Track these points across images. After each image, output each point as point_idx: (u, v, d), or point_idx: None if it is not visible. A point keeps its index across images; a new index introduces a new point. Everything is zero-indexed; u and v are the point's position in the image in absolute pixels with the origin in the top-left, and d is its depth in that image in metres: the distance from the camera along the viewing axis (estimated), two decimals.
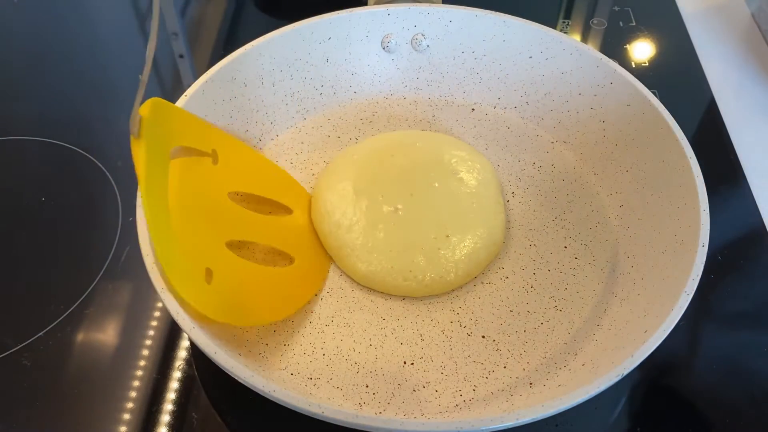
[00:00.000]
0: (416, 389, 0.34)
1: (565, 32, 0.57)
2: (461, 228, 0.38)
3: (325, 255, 0.40)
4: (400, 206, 0.39)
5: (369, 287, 0.38)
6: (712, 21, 0.60)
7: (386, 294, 0.38)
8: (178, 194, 0.35)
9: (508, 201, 0.43)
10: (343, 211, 0.39)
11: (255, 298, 0.36)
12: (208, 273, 0.34)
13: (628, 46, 0.57)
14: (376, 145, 0.43)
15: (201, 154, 0.38)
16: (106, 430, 0.35)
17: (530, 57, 0.46)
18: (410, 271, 0.37)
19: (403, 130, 0.47)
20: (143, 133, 0.34)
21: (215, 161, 0.39)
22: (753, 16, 0.59)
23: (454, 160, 0.41)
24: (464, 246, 0.38)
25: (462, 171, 0.41)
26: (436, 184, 0.40)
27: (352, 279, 0.39)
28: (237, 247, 0.39)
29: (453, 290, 0.39)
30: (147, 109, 0.34)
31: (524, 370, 0.35)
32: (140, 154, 0.33)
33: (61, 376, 0.37)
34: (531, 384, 0.34)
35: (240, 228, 0.39)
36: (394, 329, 0.37)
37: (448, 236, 0.38)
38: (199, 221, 0.36)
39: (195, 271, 0.33)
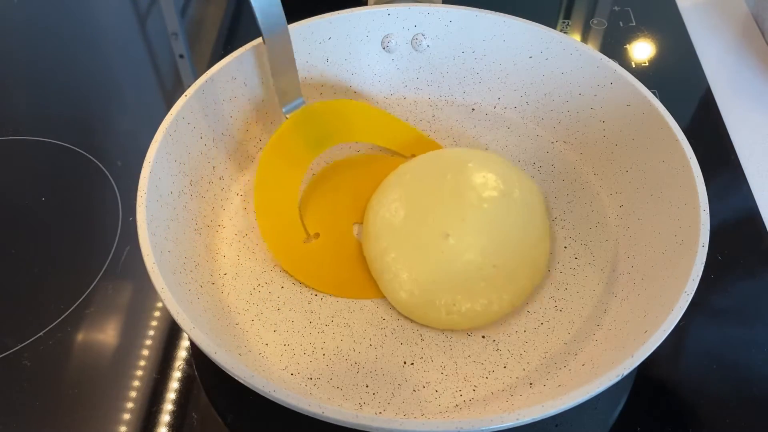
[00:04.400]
0: (416, 389, 0.34)
1: (565, 32, 0.57)
2: (509, 258, 0.37)
3: None
4: (450, 232, 0.37)
5: (410, 318, 0.37)
6: (711, 21, 0.60)
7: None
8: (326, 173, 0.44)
9: None
10: (390, 235, 0.38)
11: (340, 271, 0.40)
12: (314, 235, 0.41)
13: (628, 46, 0.57)
14: (428, 165, 0.42)
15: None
16: (106, 430, 0.35)
17: (530, 57, 0.46)
18: (454, 304, 0.36)
19: (454, 147, 0.45)
20: (283, 128, 0.42)
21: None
22: (752, 16, 0.59)
23: (504, 183, 0.40)
24: (511, 277, 0.37)
25: (512, 195, 0.39)
26: (485, 206, 0.38)
27: (394, 307, 0.38)
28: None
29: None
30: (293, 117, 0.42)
31: (524, 370, 0.35)
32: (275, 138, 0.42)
33: (61, 376, 0.37)
34: (531, 384, 0.34)
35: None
36: (394, 329, 0.37)
37: (495, 266, 0.37)
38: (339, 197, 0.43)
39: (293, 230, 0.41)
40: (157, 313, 0.39)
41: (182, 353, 0.38)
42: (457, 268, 0.37)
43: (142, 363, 0.37)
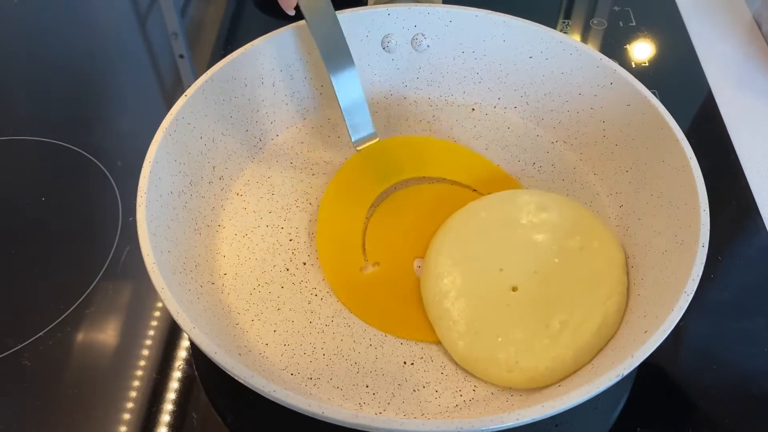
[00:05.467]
0: (416, 389, 0.34)
1: (565, 32, 0.57)
2: (580, 317, 0.35)
3: None
4: (519, 285, 0.36)
5: (468, 370, 0.35)
6: (712, 21, 0.60)
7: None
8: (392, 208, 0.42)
9: None
10: (453, 279, 0.36)
11: (393, 306, 0.38)
12: (374, 264, 0.40)
13: (628, 46, 0.57)
14: (501, 206, 0.40)
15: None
16: (106, 430, 0.35)
17: (530, 57, 0.46)
18: (516, 362, 0.34)
19: (539, 190, 0.42)
20: (353, 160, 0.44)
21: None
22: (753, 15, 0.59)
23: (582, 234, 0.38)
24: (580, 338, 0.34)
25: (589, 248, 0.37)
26: (557, 260, 0.37)
27: (452, 358, 0.36)
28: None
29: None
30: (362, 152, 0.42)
31: None
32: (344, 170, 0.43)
33: (61, 376, 0.37)
34: None
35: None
36: None
37: (561, 322, 0.35)
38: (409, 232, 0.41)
39: (352, 261, 0.39)
40: (157, 313, 0.39)
41: (182, 353, 0.38)
42: (524, 325, 0.35)
43: (142, 363, 0.37)
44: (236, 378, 0.29)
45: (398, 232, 0.41)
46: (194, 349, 0.38)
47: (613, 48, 0.57)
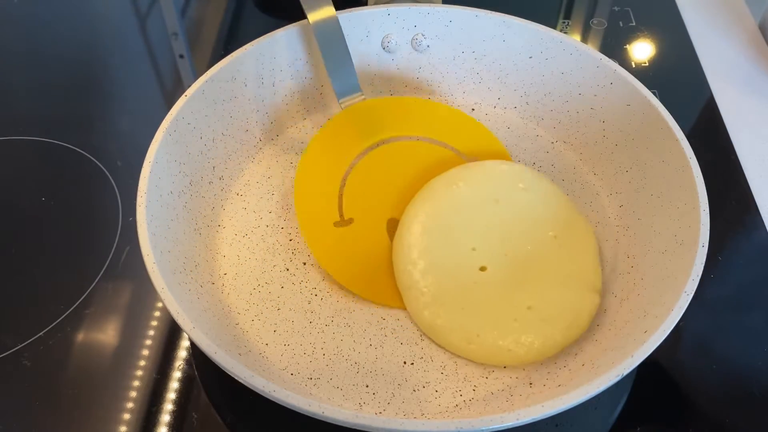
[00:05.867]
0: (416, 389, 0.34)
1: (565, 32, 0.57)
2: (550, 309, 0.35)
3: None
4: (489, 265, 0.37)
5: (430, 338, 0.36)
6: (712, 21, 0.60)
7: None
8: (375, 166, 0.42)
9: None
10: (425, 251, 0.37)
11: (363, 266, 0.38)
12: (348, 220, 0.39)
13: (628, 46, 0.57)
14: (482, 180, 0.39)
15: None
16: (106, 430, 0.35)
17: (530, 57, 0.46)
18: (477, 335, 0.35)
19: (525, 166, 0.41)
20: (337, 117, 0.42)
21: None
22: (752, 14, 0.59)
23: (560, 225, 0.38)
24: (544, 324, 0.35)
25: (563, 239, 0.38)
26: (529, 247, 0.37)
27: (416, 325, 0.37)
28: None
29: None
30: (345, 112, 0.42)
31: (524, 370, 0.35)
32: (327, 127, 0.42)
33: (61, 376, 0.37)
34: (531, 384, 0.34)
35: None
36: (394, 329, 0.37)
37: (530, 308, 0.35)
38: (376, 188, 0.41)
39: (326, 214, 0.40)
40: (157, 313, 0.39)
41: (182, 353, 0.38)
42: (489, 301, 0.35)
43: (142, 363, 0.37)
44: (236, 378, 0.29)
45: (376, 189, 0.41)
46: (194, 349, 0.38)
47: (613, 48, 0.57)
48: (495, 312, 0.35)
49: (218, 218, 0.42)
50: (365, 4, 0.50)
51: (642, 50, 0.57)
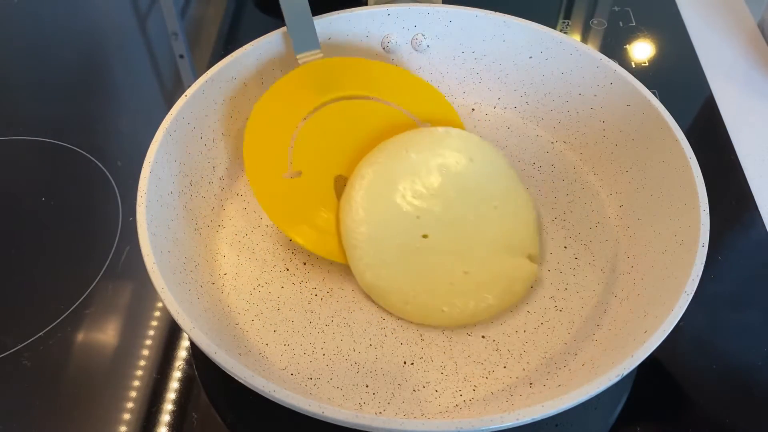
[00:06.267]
0: (416, 389, 0.34)
1: (565, 32, 0.57)
2: (485, 275, 0.37)
3: None
4: (431, 233, 0.38)
5: (370, 296, 0.38)
6: (711, 21, 0.60)
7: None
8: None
9: None
10: (370, 214, 0.38)
11: (308, 218, 0.39)
12: (296, 172, 0.39)
13: (628, 46, 0.57)
14: (433, 148, 0.40)
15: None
16: (106, 430, 0.35)
17: (530, 57, 0.46)
18: (414, 297, 0.36)
19: (473, 135, 0.42)
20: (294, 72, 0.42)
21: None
22: (752, 14, 0.59)
23: (503, 196, 0.40)
24: (479, 289, 0.37)
25: (505, 209, 0.39)
26: (472, 217, 0.38)
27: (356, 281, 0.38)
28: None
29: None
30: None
31: (524, 370, 0.35)
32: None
33: (61, 376, 0.37)
34: (531, 384, 0.34)
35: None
36: (394, 329, 0.37)
37: (466, 273, 0.37)
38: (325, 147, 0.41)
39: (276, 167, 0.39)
40: (157, 313, 0.39)
41: (182, 353, 0.38)
42: (428, 267, 0.37)
43: (142, 363, 0.37)
44: (236, 378, 0.29)
45: (327, 145, 0.41)
46: (194, 349, 0.38)
47: (613, 48, 0.57)
48: (433, 276, 0.37)
49: (218, 218, 0.42)
50: (365, 4, 0.50)
51: (642, 50, 0.57)
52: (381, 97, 0.43)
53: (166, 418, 0.35)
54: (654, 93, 0.41)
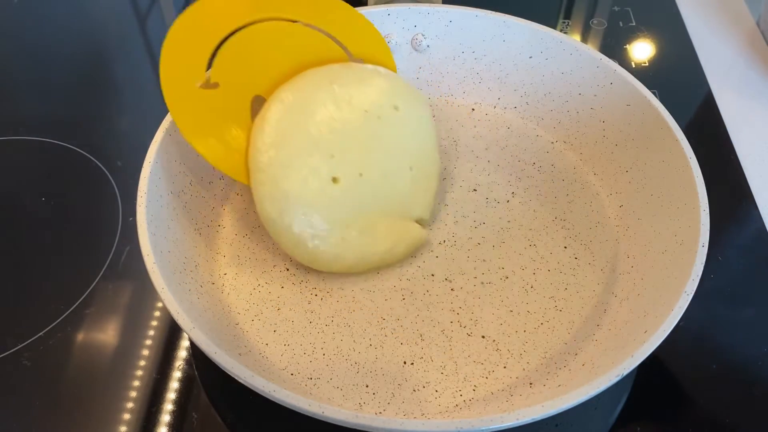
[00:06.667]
0: (416, 389, 0.34)
1: (565, 32, 0.57)
2: (373, 227, 0.38)
3: None
4: (342, 179, 0.37)
5: (264, 226, 0.37)
6: (711, 21, 0.60)
7: (384, 293, 0.38)
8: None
9: (508, 201, 0.43)
10: (281, 141, 0.36)
11: (218, 133, 0.37)
12: (212, 83, 0.37)
13: (628, 46, 0.57)
14: (360, 86, 0.39)
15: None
16: (106, 430, 0.35)
17: (530, 57, 0.46)
18: (304, 240, 0.36)
19: (404, 82, 0.41)
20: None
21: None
22: (752, 14, 0.59)
23: (417, 152, 0.40)
24: (365, 245, 0.37)
25: (417, 170, 0.40)
26: (382, 172, 0.38)
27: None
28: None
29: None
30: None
31: (524, 370, 0.35)
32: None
33: (61, 376, 0.37)
34: (531, 384, 0.34)
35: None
36: (394, 329, 0.37)
37: (360, 232, 0.37)
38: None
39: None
40: (157, 313, 0.39)
41: (182, 353, 0.38)
42: (326, 212, 0.37)
43: (142, 363, 0.37)
44: (236, 378, 0.29)
45: (251, 62, 0.39)
46: (194, 349, 0.38)
47: (613, 48, 0.57)
48: (331, 221, 0.37)
49: (218, 218, 0.42)
50: (365, 4, 0.50)
51: (642, 50, 0.57)
52: (318, 25, 0.41)
53: (166, 418, 0.35)
54: (654, 93, 0.41)
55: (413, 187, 0.39)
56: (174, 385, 0.36)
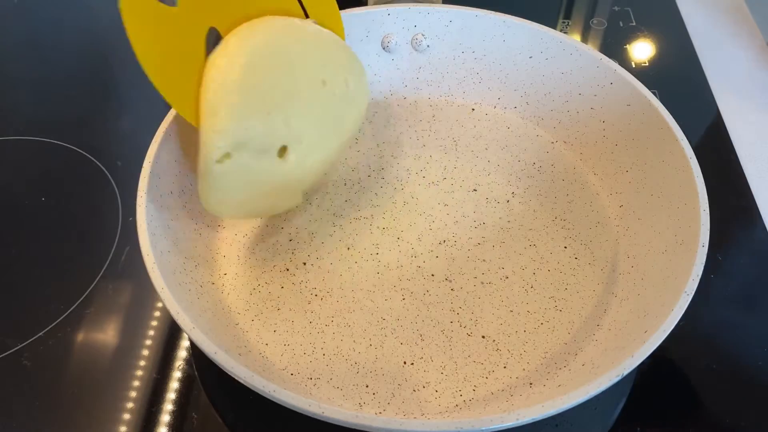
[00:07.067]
0: (416, 389, 0.34)
1: (565, 32, 0.57)
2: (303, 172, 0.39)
3: None
4: (289, 147, 0.37)
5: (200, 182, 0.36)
6: (712, 20, 0.60)
7: (384, 293, 0.38)
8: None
9: (508, 201, 0.43)
10: (240, 88, 0.34)
11: (173, 62, 0.35)
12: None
13: (628, 46, 0.57)
14: (324, 54, 0.38)
15: None
16: (106, 430, 0.35)
17: (530, 57, 0.46)
18: (242, 201, 0.37)
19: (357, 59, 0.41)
20: None
21: None
22: (751, 12, 0.59)
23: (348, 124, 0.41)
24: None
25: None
26: (328, 151, 0.40)
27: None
28: None
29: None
30: None
31: (524, 370, 0.35)
32: None
33: (61, 376, 0.37)
34: (531, 384, 0.34)
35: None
36: (394, 329, 0.37)
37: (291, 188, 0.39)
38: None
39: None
40: (157, 313, 0.39)
41: (182, 353, 0.38)
42: (262, 186, 0.37)
43: (142, 363, 0.37)
44: (236, 378, 0.29)
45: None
46: (194, 349, 0.38)
47: (613, 48, 0.57)
48: (264, 187, 0.37)
49: (218, 218, 0.42)
50: (365, 4, 0.50)
51: (642, 50, 0.57)
52: None
53: (166, 418, 0.35)
54: (654, 93, 0.41)
55: (326, 164, 0.40)
56: (174, 385, 0.36)
